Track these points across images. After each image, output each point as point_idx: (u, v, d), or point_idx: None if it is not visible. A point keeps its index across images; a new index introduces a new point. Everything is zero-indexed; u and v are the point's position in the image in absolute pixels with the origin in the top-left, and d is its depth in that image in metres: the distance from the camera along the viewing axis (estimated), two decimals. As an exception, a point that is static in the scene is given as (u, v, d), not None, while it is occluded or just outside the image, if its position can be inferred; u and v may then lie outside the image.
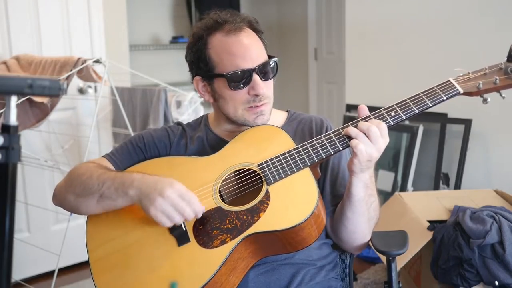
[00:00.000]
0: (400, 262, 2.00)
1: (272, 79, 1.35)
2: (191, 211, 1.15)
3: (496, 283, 1.84)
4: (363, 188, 1.24)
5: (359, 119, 1.23)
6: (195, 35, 1.34)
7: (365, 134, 1.18)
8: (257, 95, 1.30)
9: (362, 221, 1.29)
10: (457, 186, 2.83)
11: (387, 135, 1.20)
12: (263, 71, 1.31)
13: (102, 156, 1.41)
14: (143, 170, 1.28)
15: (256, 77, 1.29)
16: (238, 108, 1.33)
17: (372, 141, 1.18)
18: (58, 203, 1.36)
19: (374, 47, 3.36)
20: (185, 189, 1.17)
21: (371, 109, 1.25)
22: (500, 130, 2.75)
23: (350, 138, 1.20)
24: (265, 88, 1.32)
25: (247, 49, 1.29)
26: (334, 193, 1.37)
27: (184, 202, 1.15)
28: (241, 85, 1.29)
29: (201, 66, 1.33)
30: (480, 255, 1.88)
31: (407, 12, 3.14)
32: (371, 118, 1.22)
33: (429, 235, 2.05)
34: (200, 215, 1.18)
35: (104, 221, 1.27)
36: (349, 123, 1.24)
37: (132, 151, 1.40)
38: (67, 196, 1.31)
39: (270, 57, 1.34)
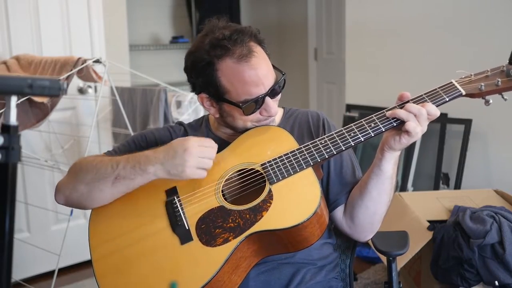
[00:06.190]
0: (400, 262, 1.99)
1: None
2: (214, 151, 1.23)
3: (496, 283, 1.84)
4: (394, 165, 1.28)
5: (400, 103, 1.24)
6: (203, 60, 1.28)
7: (414, 115, 1.19)
8: (269, 116, 1.32)
9: (386, 200, 1.30)
10: (457, 186, 2.83)
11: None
12: (274, 91, 1.30)
13: (104, 153, 1.41)
14: None
15: (268, 99, 1.30)
16: (249, 124, 1.34)
17: (420, 123, 1.19)
18: (63, 199, 1.31)
19: (374, 47, 3.36)
20: (197, 137, 1.24)
21: (371, 109, 1.25)
22: (500, 130, 2.75)
23: (395, 119, 1.21)
24: (275, 105, 1.33)
25: (259, 75, 1.26)
26: (342, 182, 1.37)
27: (206, 148, 1.22)
28: (255, 110, 1.30)
29: (211, 89, 1.31)
30: (480, 255, 1.88)
31: (407, 12, 3.14)
32: (410, 103, 1.22)
33: (429, 235, 2.05)
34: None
35: (107, 219, 1.27)
36: (395, 105, 1.25)
37: (134, 150, 1.40)
38: (76, 187, 1.27)
39: (275, 67, 1.33)
